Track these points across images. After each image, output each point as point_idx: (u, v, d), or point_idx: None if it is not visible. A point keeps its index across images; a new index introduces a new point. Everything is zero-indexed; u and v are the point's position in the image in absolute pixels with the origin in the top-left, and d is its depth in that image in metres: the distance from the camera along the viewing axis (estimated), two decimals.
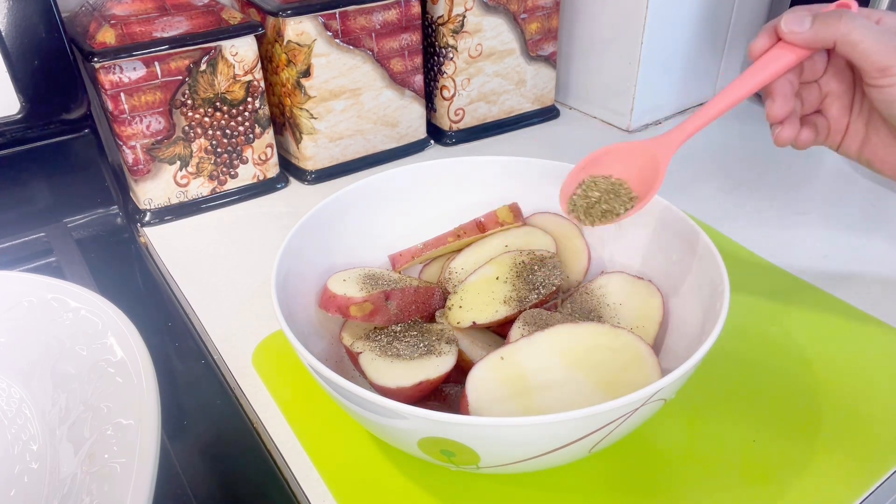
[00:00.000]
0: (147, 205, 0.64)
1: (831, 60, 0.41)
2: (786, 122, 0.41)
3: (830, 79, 0.42)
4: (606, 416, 0.32)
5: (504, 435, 0.32)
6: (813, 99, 0.42)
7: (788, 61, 0.39)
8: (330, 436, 0.43)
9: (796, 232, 0.61)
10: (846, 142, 0.42)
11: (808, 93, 0.42)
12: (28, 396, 0.39)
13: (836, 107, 0.42)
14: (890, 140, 0.39)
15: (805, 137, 0.42)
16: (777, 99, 0.40)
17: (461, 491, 0.39)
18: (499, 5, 0.73)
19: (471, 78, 0.75)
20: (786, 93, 0.40)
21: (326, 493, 0.39)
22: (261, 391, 0.46)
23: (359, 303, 0.43)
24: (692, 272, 0.44)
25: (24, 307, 0.42)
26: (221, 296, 0.55)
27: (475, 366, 0.38)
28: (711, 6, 0.78)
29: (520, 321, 0.42)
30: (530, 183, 0.52)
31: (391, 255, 0.51)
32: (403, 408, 0.31)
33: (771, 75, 0.39)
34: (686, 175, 0.70)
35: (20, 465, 0.37)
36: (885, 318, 0.50)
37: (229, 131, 0.65)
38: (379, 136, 0.72)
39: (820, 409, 0.43)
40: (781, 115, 0.41)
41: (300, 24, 0.62)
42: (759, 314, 0.51)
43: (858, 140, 0.41)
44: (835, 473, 0.39)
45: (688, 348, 0.39)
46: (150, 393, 0.35)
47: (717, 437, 0.42)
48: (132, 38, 0.57)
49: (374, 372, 0.39)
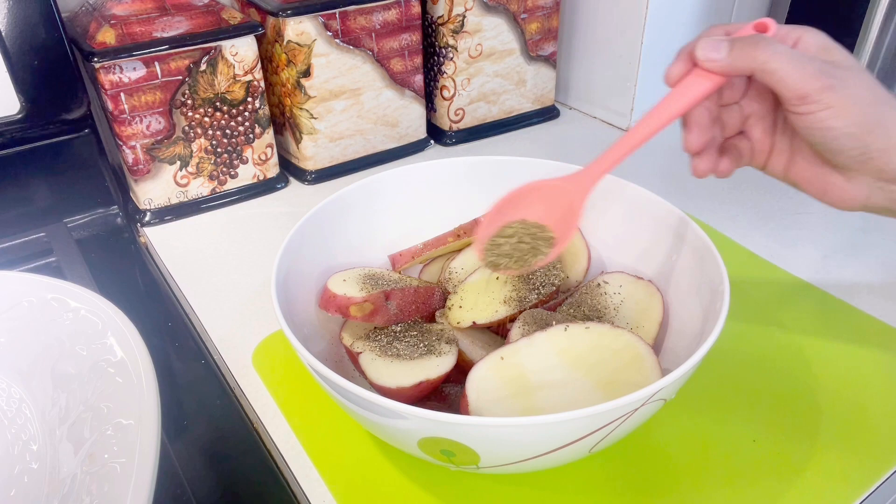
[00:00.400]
0: (147, 205, 0.64)
1: (752, 82, 0.40)
2: (703, 154, 0.40)
3: (752, 101, 0.40)
4: (606, 416, 0.32)
5: (504, 435, 0.32)
6: (734, 121, 0.41)
7: (706, 89, 0.37)
8: (330, 436, 0.43)
9: (796, 232, 0.61)
10: (771, 162, 0.40)
11: (730, 115, 0.41)
12: (28, 396, 0.39)
13: (759, 128, 0.40)
14: (814, 160, 0.38)
15: (725, 167, 0.40)
16: (693, 129, 0.39)
17: (461, 491, 0.39)
18: (499, 5, 0.73)
19: (471, 78, 0.75)
20: (702, 123, 0.39)
21: (326, 493, 0.39)
22: (261, 391, 0.46)
23: (359, 303, 0.43)
24: (692, 272, 0.44)
25: (24, 307, 0.42)
26: (221, 296, 0.55)
27: (475, 366, 0.38)
28: (711, 6, 0.78)
29: (520, 321, 0.42)
30: None
31: (391, 255, 0.51)
32: (403, 408, 0.31)
33: (689, 104, 0.38)
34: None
35: (20, 465, 0.37)
36: (885, 318, 0.50)
37: (229, 131, 0.65)
38: (379, 136, 0.72)
39: (820, 409, 0.43)
40: (698, 146, 0.39)
41: (300, 24, 0.62)
42: (759, 314, 0.51)
43: (784, 161, 0.40)
44: (835, 473, 0.39)
45: (688, 348, 0.39)
46: (150, 393, 0.35)
47: (717, 437, 0.42)
48: (132, 38, 0.57)
49: (374, 372, 0.39)
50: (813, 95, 0.34)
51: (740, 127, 0.41)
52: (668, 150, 0.76)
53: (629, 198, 0.49)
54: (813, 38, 0.36)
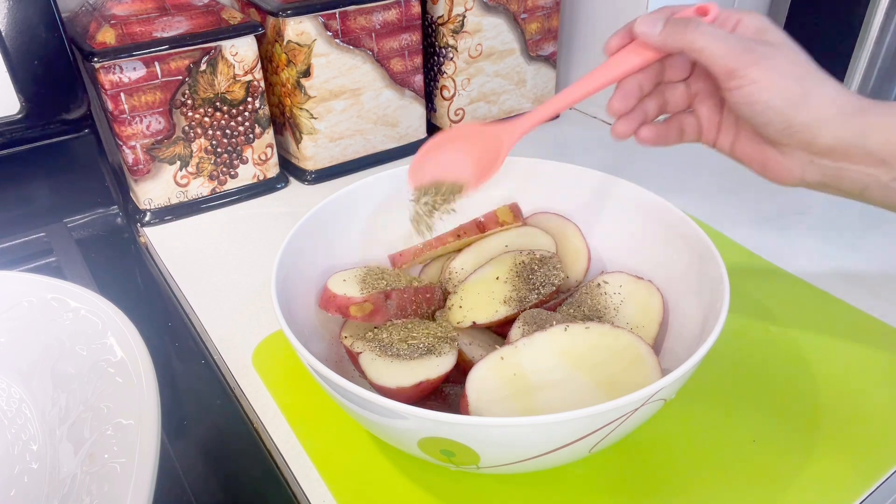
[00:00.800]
0: (147, 205, 0.64)
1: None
2: (623, 117, 0.42)
3: (697, 79, 0.42)
4: (606, 416, 0.32)
5: (504, 435, 0.32)
6: (680, 99, 0.43)
7: (639, 61, 0.40)
8: (330, 436, 0.43)
9: (796, 232, 0.61)
10: (720, 139, 0.42)
11: (675, 92, 0.43)
12: (28, 396, 0.39)
13: (705, 106, 0.42)
14: (754, 138, 0.40)
15: (647, 135, 0.43)
16: (617, 94, 0.42)
17: (461, 491, 0.39)
18: (499, 5, 0.73)
19: (471, 78, 0.75)
20: (628, 89, 0.41)
21: (326, 493, 0.39)
22: (261, 391, 0.46)
23: (359, 303, 0.43)
24: (692, 272, 0.44)
25: (24, 307, 0.42)
26: (221, 296, 0.55)
27: (475, 366, 0.38)
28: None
29: (520, 321, 0.42)
30: (530, 183, 0.52)
31: (391, 254, 0.51)
32: (403, 408, 0.31)
33: (621, 73, 0.40)
34: (686, 175, 0.70)
35: (20, 465, 0.37)
36: (885, 318, 0.50)
37: (229, 131, 0.65)
38: (379, 136, 0.72)
39: (820, 409, 0.43)
40: (618, 110, 0.42)
41: (300, 24, 0.62)
42: (759, 314, 0.51)
43: (730, 138, 0.42)
44: (835, 473, 0.39)
45: (688, 348, 0.39)
46: (150, 393, 0.35)
47: (717, 437, 0.42)
48: (132, 38, 0.57)
49: (374, 372, 0.39)
50: (739, 70, 0.36)
51: (687, 104, 0.43)
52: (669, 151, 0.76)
53: (629, 198, 0.49)
54: (751, 20, 0.38)
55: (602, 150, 0.77)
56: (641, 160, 0.75)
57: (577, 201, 0.51)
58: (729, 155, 0.42)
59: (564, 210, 0.52)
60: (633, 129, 0.43)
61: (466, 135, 0.45)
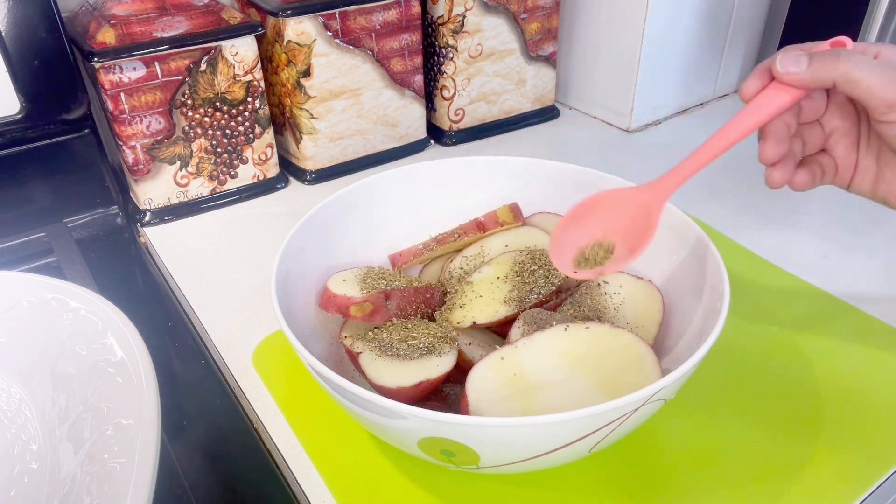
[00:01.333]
0: (147, 205, 0.64)
1: (832, 98, 0.40)
2: (778, 165, 0.40)
3: (833, 117, 0.40)
4: (606, 416, 0.32)
5: (504, 435, 0.32)
6: (816, 139, 0.41)
7: (784, 102, 0.37)
8: (330, 436, 0.43)
9: (796, 232, 0.61)
10: (857, 180, 0.40)
11: (811, 133, 0.41)
12: (28, 396, 0.39)
13: (842, 145, 0.40)
14: None
15: (801, 180, 0.40)
16: (769, 140, 0.39)
17: (461, 491, 0.39)
18: (499, 5, 0.73)
19: (471, 78, 0.75)
20: (779, 134, 0.39)
21: (326, 493, 0.39)
22: (261, 391, 0.46)
23: (359, 303, 0.43)
24: (692, 272, 0.44)
25: (24, 307, 0.42)
26: (221, 296, 0.55)
27: (475, 366, 0.38)
28: (711, 6, 0.78)
29: (520, 321, 0.42)
30: (530, 183, 0.52)
31: (391, 255, 0.51)
32: (403, 408, 0.31)
33: (767, 116, 0.38)
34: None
35: (20, 465, 0.37)
36: (884, 318, 0.50)
37: (229, 131, 0.65)
38: (379, 136, 0.72)
39: (820, 409, 0.43)
40: (773, 157, 0.39)
41: (300, 24, 0.62)
42: (760, 314, 0.51)
43: (871, 177, 0.40)
44: (835, 473, 0.39)
45: (688, 348, 0.39)
46: (150, 393, 0.35)
47: (717, 437, 0.42)
48: (132, 38, 0.57)
49: (374, 372, 0.39)
50: None
51: (822, 144, 0.41)
52: (669, 151, 0.76)
53: None
54: (891, 51, 0.36)
55: (602, 150, 0.77)
56: (641, 160, 0.75)
57: (577, 201, 0.51)
58: (870, 196, 0.40)
59: (564, 210, 0.51)
60: (789, 175, 0.40)
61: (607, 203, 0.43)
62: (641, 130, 0.81)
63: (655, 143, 0.78)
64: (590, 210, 0.43)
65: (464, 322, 0.44)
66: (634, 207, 0.42)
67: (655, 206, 0.41)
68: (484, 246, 0.50)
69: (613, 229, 0.42)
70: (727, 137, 0.39)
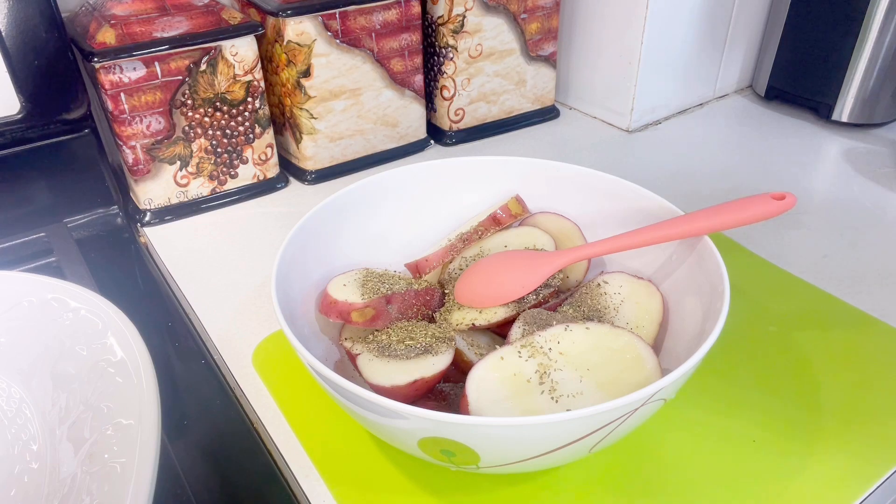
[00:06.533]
0: (147, 205, 0.64)
1: None
2: None
3: None
4: (606, 416, 0.32)
5: (504, 435, 0.32)
6: None
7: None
8: (330, 436, 0.43)
9: (796, 232, 0.61)
10: None
11: None
12: (28, 396, 0.39)
13: None
14: None
15: None
16: None
17: (461, 491, 0.39)
18: (499, 5, 0.73)
19: (471, 78, 0.75)
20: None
21: (326, 493, 0.39)
22: (261, 391, 0.46)
23: (360, 308, 0.43)
24: (692, 272, 0.44)
25: (24, 307, 0.42)
26: (221, 296, 0.55)
27: (475, 366, 0.38)
28: (711, 5, 0.78)
29: (520, 321, 0.42)
30: (530, 183, 0.52)
31: (409, 263, 0.50)
32: (403, 408, 0.31)
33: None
34: (685, 175, 0.70)
35: (20, 465, 0.37)
36: (884, 318, 0.50)
37: (229, 131, 0.65)
38: (379, 136, 0.72)
39: (820, 408, 0.43)
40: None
41: (300, 24, 0.62)
42: (759, 314, 0.51)
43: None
44: (835, 473, 0.39)
45: (688, 348, 0.39)
46: (150, 393, 0.35)
47: (717, 437, 0.42)
48: (132, 38, 0.57)
49: (371, 371, 0.39)
50: None
51: None
52: (669, 151, 0.76)
53: (629, 197, 0.49)
54: None
55: (602, 150, 0.77)
56: (641, 160, 0.75)
57: (577, 201, 0.51)
58: None
59: (564, 210, 0.52)
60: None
61: (509, 258, 0.46)
62: (641, 130, 0.81)
63: (655, 143, 0.78)
64: (489, 265, 0.47)
65: (463, 322, 0.44)
66: (527, 262, 0.46)
67: (548, 268, 0.45)
68: (484, 246, 0.50)
69: (504, 276, 0.46)
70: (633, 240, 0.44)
